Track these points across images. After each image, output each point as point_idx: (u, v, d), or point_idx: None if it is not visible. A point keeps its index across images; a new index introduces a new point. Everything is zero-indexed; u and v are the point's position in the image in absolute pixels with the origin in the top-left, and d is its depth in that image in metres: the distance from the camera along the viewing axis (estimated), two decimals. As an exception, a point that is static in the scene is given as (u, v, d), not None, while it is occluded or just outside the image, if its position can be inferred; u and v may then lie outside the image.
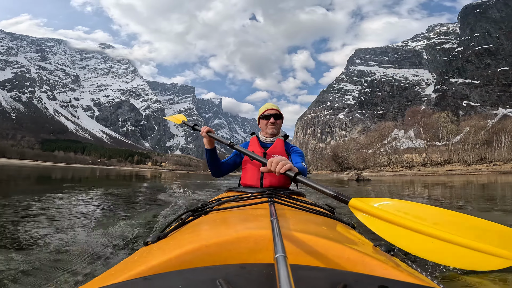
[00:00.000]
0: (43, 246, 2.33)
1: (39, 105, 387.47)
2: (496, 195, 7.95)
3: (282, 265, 0.42)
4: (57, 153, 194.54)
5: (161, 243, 0.76)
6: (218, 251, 0.58)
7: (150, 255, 0.63)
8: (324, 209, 1.29)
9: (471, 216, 0.98)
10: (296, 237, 0.63)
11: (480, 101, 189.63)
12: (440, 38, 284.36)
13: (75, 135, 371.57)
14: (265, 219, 0.78)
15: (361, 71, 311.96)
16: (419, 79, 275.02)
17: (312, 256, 0.58)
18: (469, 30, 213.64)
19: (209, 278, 0.45)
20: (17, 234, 2.74)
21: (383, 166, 54.02)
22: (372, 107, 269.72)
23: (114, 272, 0.60)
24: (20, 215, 3.67)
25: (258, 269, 0.50)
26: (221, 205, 1.14)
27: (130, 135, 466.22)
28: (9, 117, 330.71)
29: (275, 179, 1.99)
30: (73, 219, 3.52)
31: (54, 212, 3.96)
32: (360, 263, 0.56)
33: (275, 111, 2.17)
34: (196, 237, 0.68)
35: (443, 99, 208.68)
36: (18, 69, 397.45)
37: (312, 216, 1.04)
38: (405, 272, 0.53)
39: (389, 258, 0.62)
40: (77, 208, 4.57)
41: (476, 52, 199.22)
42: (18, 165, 50.64)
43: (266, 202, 1.09)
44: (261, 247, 0.60)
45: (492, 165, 40.83)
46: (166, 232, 0.86)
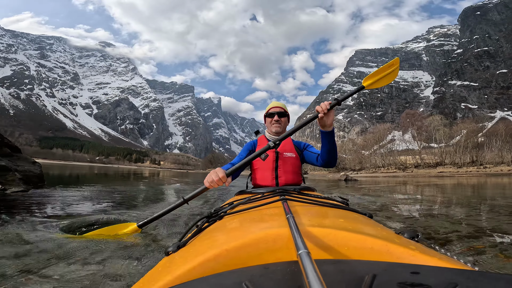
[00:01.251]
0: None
1: (37, 103, 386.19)
2: (459, 195, 8.07)
3: (307, 261, 0.42)
4: (55, 150, 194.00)
5: (181, 251, 0.77)
6: (239, 254, 0.58)
7: (173, 265, 0.63)
8: (337, 201, 1.28)
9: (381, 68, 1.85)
10: (315, 232, 0.62)
11: (478, 103, 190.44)
12: (440, 40, 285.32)
13: (73, 133, 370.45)
14: (281, 218, 0.78)
15: (361, 72, 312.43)
16: (418, 81, 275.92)
17: (334, 249, 0.57)
18: (469, 32, 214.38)
19: (235, 281, 0.45)
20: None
21: (378, 168, 54.76)
22: (371, 108, 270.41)
23: (142, 285, 0.60)
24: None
25: (281, 267, 0.50)
26: (234, 208, 1.14)
27: (129, 133, 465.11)
28: (8, 114, 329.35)
29: (290, 177, 1.99)
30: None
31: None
32: (386, 252, 0.55)
33: (279, 109, 2.16)
34: (215, 242, 0.68)
35: (441, 101, 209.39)
36: (17, 66, 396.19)
37: (327, 209, 1.04)
38: (435, 257, 0.53)
39: (414, 245, 0.62)
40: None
41: (476, 54, 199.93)
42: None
43: (279, 201, 1.09)
44: (281, 245, 0.60)
45: (482, 168, 41.52)
46: (185, 240, 0.87)
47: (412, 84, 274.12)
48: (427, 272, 0.43)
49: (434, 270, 0.44)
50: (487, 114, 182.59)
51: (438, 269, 0.44)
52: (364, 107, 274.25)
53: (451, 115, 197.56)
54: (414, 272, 0.42)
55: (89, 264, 1.76)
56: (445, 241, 2.28)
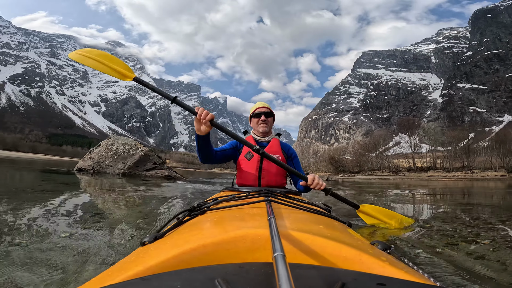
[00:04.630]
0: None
1: (47, 100, 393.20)
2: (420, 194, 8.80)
3: (281, 264, 0.42)
4: (65, 147, 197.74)
5: (158, 243, 0.76)
6: (216, 250, 0.58)
7: (147, 255, 0.63)
8: (321, 207, 1.30)
9: (384, 208, 2.21)
10: (293, 236, 0.63)
11: (486, 107, 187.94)
12: (450, 42, 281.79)
13: (82, 130, 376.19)
14: (262, 218, 0.78)
15: (368, 74, 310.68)
16: (426, 83, 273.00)
17: (310, 254, 0.58)
18: (480, 34, 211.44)
19: (208, 277, 0.45)
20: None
21: (373, 171, 56.24)
22: (377, 111, 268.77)
23: (112, 273, 0.59)
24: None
25: (256, 268, 0.50)
26: (218, 204, 1.13)
27: (135, 132, 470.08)
28: (18, 111, 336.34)
29: (273, 178, 2.01)
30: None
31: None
32: (358, 262, 0.56)
33: (266, 109, 2.18)
34: (194, 236, 0.68)
35: (449, 104, 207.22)
36: (28, 64, 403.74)
37: (309, 215, 1.05)
38: (402, 270, 0.54)
39: (385, 256, 0.63)
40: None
41: (485, 57, 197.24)
42: (31, 158, 52.02)
43: (263, 201, 1.10)
44: (259, 246, 0.60)
45: (470, 173, 42.54)
46: (163, 232, 0.85)
47: (420, 86, 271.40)
48: (393, 285, 0.43)
49: (400, 283, 0.45)
50: (495, 118, 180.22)
51: (403, 282, 0.46)
52: (370, 109, 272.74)
53: (458, 119, 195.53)
54: (380, 284, 0.43)
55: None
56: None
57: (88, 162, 12.87)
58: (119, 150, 13.15)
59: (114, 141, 13.83)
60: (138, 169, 12.49)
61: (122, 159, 12.66)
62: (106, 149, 13.36)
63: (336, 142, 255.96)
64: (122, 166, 12.30)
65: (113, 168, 12.40)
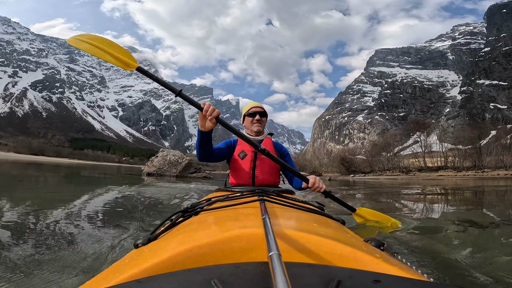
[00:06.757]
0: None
1: (68, 105, 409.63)
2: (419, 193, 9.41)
3: (277, 263, 0.42)
4: (86, 151, 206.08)
5: (152, 245, 0.75)
6: (211, 251, 0.58)
7: (141, 258, 0.62)
8: (314, 206, 1.31)
9: (379, 213, 2.18)
10: (288, 235, 0.63)
11: (507, 103, 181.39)
12: (466, 38, 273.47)
13: (101, 134, 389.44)
14: (257, 218, 0.79)
15: (382, 72, 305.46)
16: (444, 81, 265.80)
17: (305, 253, 0.58)
18: (496, 30, 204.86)
19: (204, 278, 0.45)
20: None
21: (384, 171, 56.25)
22: (393, 109, 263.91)
23: (106, 276, 0.58)
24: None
25: (252, 267, 0.50)
26: (211, 205, 1.13)
27: (151, 135, 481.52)
28: (41, 117, 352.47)
29: (266, 177, 2.02)
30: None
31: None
32: (352, 259, 0.56)
33: (260, 109, 2.19)
34: (188, 238, 0.67)
35: (469, 101, 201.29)
36: (48, 70, 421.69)
37: (303, 213, 1.05)
38: (396, 267, 0.55)
39: (379, 253, 0.64)
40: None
41: (504, 53, 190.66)
42: (57, 162, 55.81)
43: (257, 201, 1.09)
44: (254, 245, 0.60)
45: (480, 172, 41.89)
46: (157, 233, 0.85)
47: (437, 83, 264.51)
48: (388, 281, 0.44)
49: (394, 279, 0.45)
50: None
51: (398, 278, 0.47)
52: (385, 108, 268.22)
53: (479, 116, 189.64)
54: (375, 280, 0.44)
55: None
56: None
57: (152, 168, 18.52)
58: (172, 160, 18.95)
59: (167, 153, 19.70)
60: (185, 172, 18.55)
61: (174, 166, 18.52)
62: (162, 159, 19.10)
63: (351, 142, 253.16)
64: (175, 171, 18.25)
65: (169, 172, 18.09)
